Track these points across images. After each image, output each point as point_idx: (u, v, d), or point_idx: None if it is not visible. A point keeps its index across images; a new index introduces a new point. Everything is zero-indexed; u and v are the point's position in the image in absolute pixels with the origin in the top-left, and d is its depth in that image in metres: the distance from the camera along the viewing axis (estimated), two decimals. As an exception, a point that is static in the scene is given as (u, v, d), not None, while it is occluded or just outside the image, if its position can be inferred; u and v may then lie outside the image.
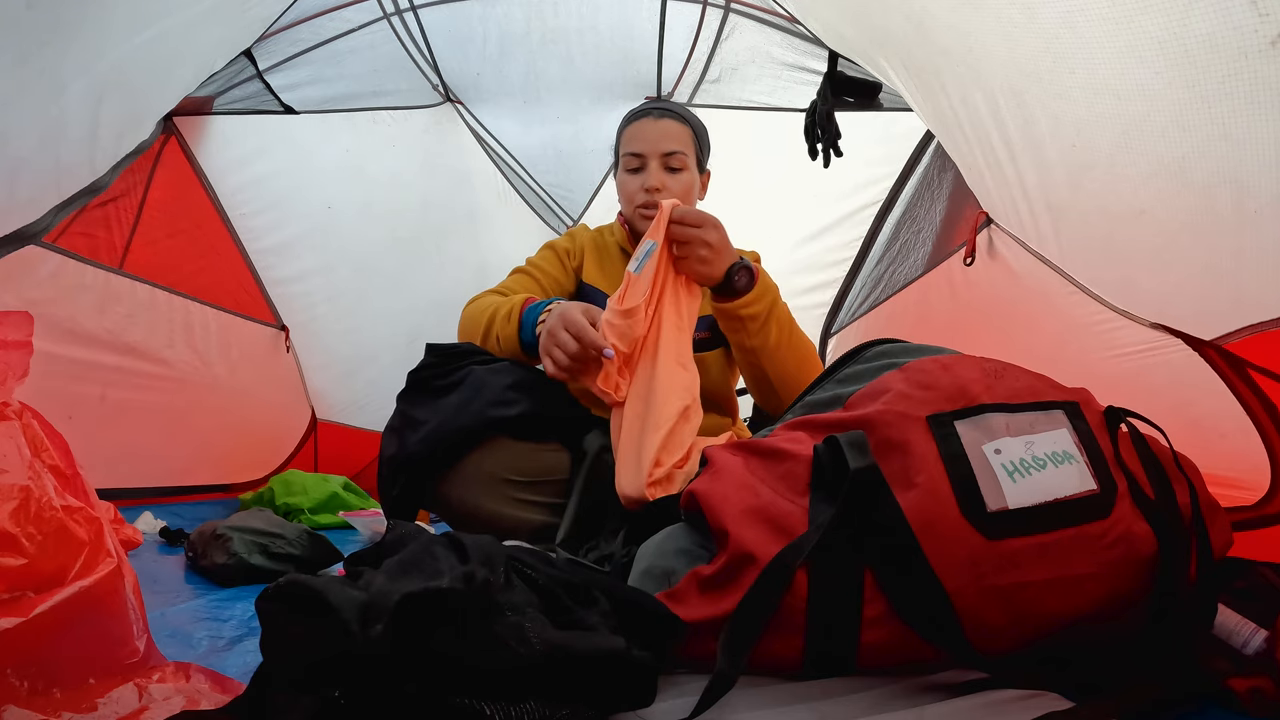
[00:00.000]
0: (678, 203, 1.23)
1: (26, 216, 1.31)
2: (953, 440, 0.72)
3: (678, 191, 1.44)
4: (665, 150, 1.44)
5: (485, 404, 1.17)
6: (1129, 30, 0.79)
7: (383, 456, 1.21)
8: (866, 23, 1.41)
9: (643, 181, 1.44)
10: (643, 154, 1.45)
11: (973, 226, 1.49)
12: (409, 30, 2.22)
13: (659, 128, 1.45)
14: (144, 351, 1.80)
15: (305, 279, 2.37)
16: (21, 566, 0.60)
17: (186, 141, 1.91)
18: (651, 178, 1.43)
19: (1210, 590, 0.72)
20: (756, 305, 1.26)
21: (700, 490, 0.77)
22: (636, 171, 1.46)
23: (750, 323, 1.27)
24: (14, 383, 0.71)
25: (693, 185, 1.48)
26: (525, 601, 0.61)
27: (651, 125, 1.45)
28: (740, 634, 0.66)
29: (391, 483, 1.19)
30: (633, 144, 1.46)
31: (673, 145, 1.44)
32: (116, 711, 0.61)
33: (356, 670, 0.53)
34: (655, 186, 1.43)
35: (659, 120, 1.46)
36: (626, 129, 1.49)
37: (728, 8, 2.06)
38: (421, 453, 1.16)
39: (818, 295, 2.26)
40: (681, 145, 1.45)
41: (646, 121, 1.46)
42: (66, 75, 1.17)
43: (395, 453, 1.18)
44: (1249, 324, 0.91)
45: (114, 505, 0.91)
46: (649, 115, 1.47)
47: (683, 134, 1.46)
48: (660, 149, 1.44)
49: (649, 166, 1.44)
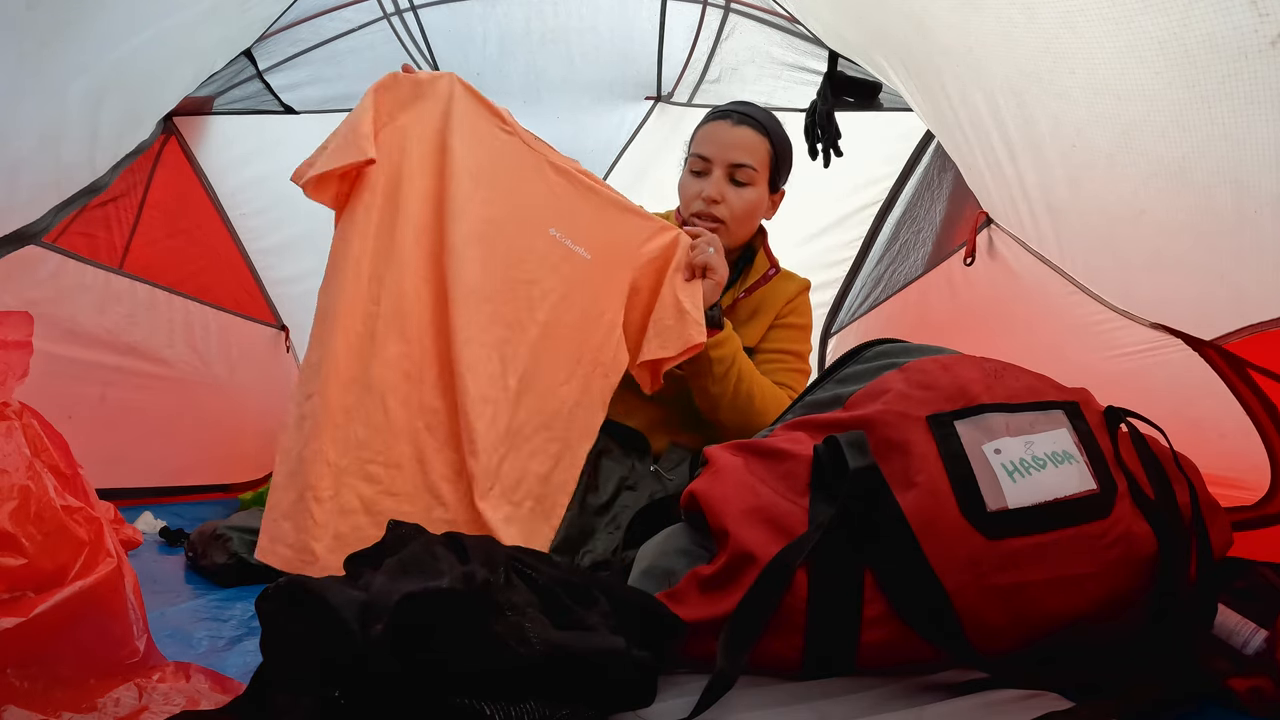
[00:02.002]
0: (690, 233, 1.21)
1: (26, 216, 1.31)
2: (953, 440, 0.72)
3: (739, 207, 1.34)
4: (734, 160, 1.33)
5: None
6: (1129, 30, 0.79)
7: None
8: (866, 23, 1.41)
9: (702, 189, 1.34)
10: (710, 158, 1.34)
11: (973, 226, 1.49)
12: (409, 30, 2.21)
13: (734, 135, 1.34)
14: (144, 351, 1.79)
15: (305, 279, 2.36)
16: (21, 566, 0.60)
17: (186, 141, 1.91)
18: (712, 187, 1.33)
19: (1210, 590, 0.72)
20: (723, 348, 1.23)
21: (700, 490, 0.77)
22: (700, 175, 1.36)
23: (716, 365, 1.23)
24: (14, 383, 0.71)
25: (758, 204, 1.37)
26: (525, 601, 0.61)
27: (727, 130, 1.35)
28: (740, 634, 0.66)
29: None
30: (703, 145, 1.36)
31: (743, 157, 1.33)
32: (116, 711, 0.61)
33: (356, 670, 0.53)
34: (714, 198, 1.33)
35: (736, 126, 1.35)
36: (702, 127, 1.39)
37: (728, 8, 2.06)
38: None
39: (818, 295, 2.23)
40: (753, 158, 1.34)
41: (723, 125, 1.35)
42: (66, 75, 1.17)
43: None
44: (1249, 324, 0.91)
45: (114, 505, 0.91)
46: (728, 118, 1.36)
47: (759, 146, 1.35)
48: (729, 158, 1.33)
49: (713, 174, 1.34)
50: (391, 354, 1.07)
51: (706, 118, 1.40)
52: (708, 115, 1.41)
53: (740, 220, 1.36)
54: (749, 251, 1.45)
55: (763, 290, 1.41)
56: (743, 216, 1.36)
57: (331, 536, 1.03)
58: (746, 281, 1.42)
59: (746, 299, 1.40)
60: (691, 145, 1.40)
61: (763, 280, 1.41)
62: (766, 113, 1.41)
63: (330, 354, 1.05)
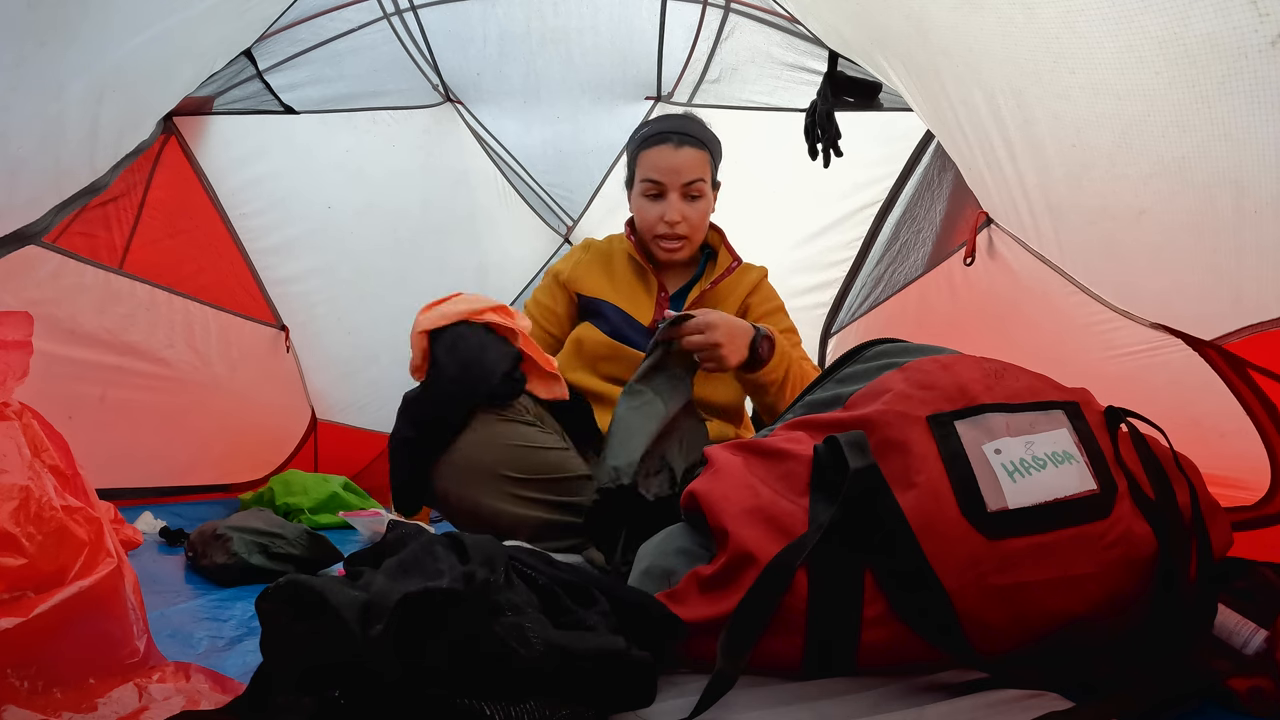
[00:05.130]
0: (671, 315, 1.24)
1: (26, 216, 1.31)
2: (953, 440, 0.72)
3: (697, 220, 1.46)
4: (686, 180, 1.44)
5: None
6: (1129, 30, 0.79)
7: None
8: (866, 23, 1.41)
9: (663, 213, 1.45)
10: (663, 183, 1.44)
11: (973, 226, 1.49)
12: (409, 30, 2.22)
13: (680, 158, 1.44)
14: (144, 351, 1.79)
15: (305, 279, 2.37)
16: (21, 566, 0.60)
17: (186, 141, 1.91)
18: (672, 210, 1.44)
19: (1210, 590, 0.72)
20: (776, 371, 1.29)
21: (700, 490, 0.77)
22: (655, 199, 1.46)
23: (771, 386, 1.30)
24: (14, 383, 0.71)
25: (709, 208, 1.50)
26: (525, 601, 0.61)
27: (672, 154, 1.44)
28: (740, 634, 0.66)
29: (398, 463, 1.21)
30: (652, 172, 1.45)
31: (693, 175, 1.44)
32: (116, 711, 0.61)
33: (356, 670, 0.53)
34: (676, 219, 1.44)
35: (679, 149, 1.44)
36: (645, 153, 1.47)
37: (728, 8, 2.06)
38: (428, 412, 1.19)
39: (818, 295, 2.26)
40: (701, 173, 1.45)
41: (667, 150, 1.44)
42: (66, 75, 1.17)
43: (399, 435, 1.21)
44: (1249, 324, 0.91)
45: (114, 505, 0.91)
46: (669, 142, 1.45)
47: (702, 161, 1.46)
48: (681, 179, 1.44)
49: (669, 198, 1.45)
50: None
51: (646, 141, 1.48)
52: (646, 139, 1.49)
53: (700, 229, 1.50)
54: (709, 249, 1.58)
55: (728, 281, 1.52)
56: (702, 225, 1.49)
57: None
58: (712, 275, 1.52)
59: (713, 290, 1.50)
60: (638, 169, 1.49)
61: (727, 273, 1.52)
62: (696, 122, 1.51)
63: None
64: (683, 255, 1.49)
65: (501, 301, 1.26)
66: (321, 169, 2.30)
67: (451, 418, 1.18)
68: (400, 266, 2.61)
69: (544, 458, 1.21)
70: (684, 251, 1.48)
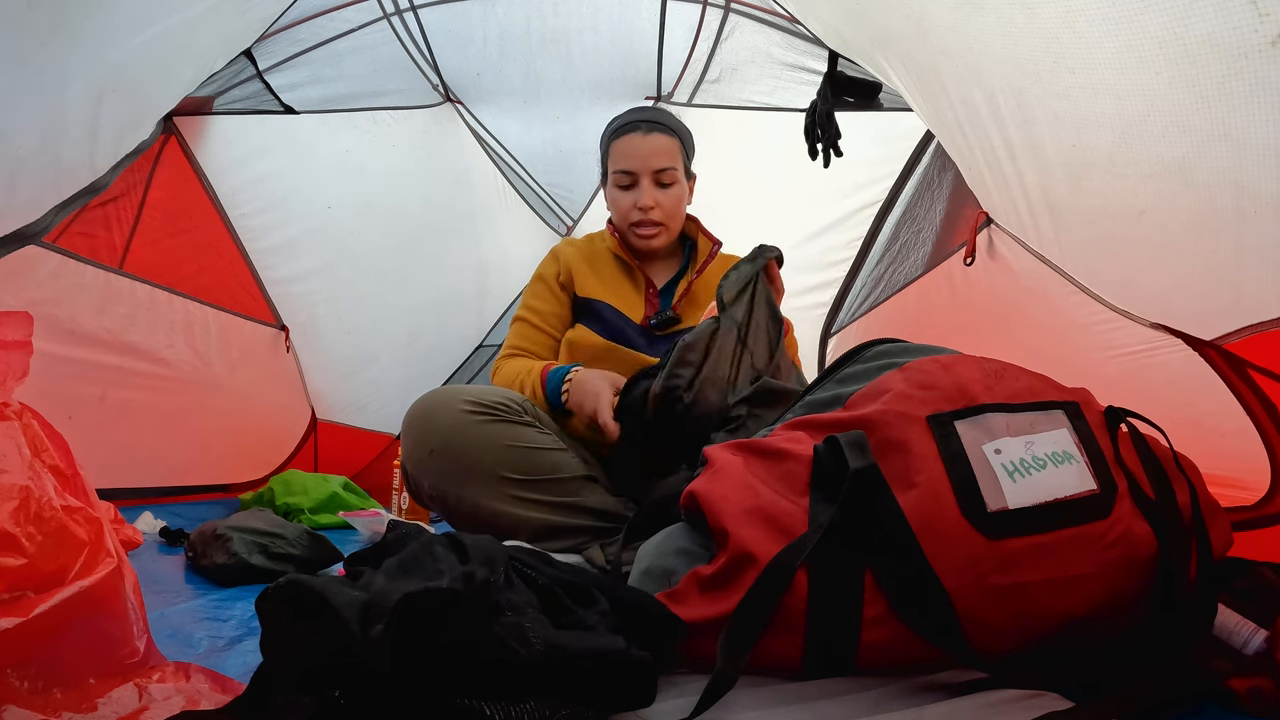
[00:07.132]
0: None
1: (26, 216, 1.31)
2: (953, 440, 0.72)
3: (670, 205, 1.47)
4: (656, 167, 1.45)
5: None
6: (1129, 30, 0.79)
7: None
8: (866, 23, 1.41)
9: (636, 200, 1.46)
10: (634, 171, 1.46)
11: (973, 226, 1.49)
12: (409, 30, 2.22)
13: (649, 144, 1.45)
14: (144, 351, 1.79)
15: (305, 279, 2.37)
16: (21, 566, 0.60)
17: (186, 141, 1.90)
18: (645, 197, 1.45)
19: (1210, 590, 0.72)
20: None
21: (700, 490, 0.77)
22: (628, 189, 1.47)
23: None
24: (14, 383, 0.71)
25: (683, 196, 1.51)
26: (525, 601, 0.61)
27: (641, 141, 1.45)
28: (740, 634, 0.66)
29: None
30: (623, 161, 1.47)
31: (664, 161, 1.45)
32: (116, 711, 0.61)
33: (356, 670, 0.53)
34: (648, 205, 1.45)
35: (648, 135, 1.45)
36: (615, 143, 1.49)
37: (728, 8, 2.06)
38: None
39: (818, 295, 2.26)
40: (672, 160, 1.46)
41: (635, 137, 1.46)
42: (67, 75, 1.17)
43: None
44: (1249, 324, 0.91)
45: (114, 505, 0.91)
46: (637, 130, 1.46)
47: (672, 147, 1.47)
48: (651, 166, 1.45)
49: (641, 184, 1.46)
50: None
51: (617, 131, 1.50)
52: (616, 129, 1.50)
53: (674, 216, 1.50)
54: (688, 239, 1.59)
55: (712, 267, 1.52)
56: (675, 213, 1.49)
57: None
58: (696, 264, 1.53)
59: (700, 278, 1.51)
60: (610, 162, 1.50)
61: (710, 258, 1.53)
62: (664, 112, 1.54)
63: None
64: (659, 243, 1.49)
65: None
66: (321, 169, 2.30)
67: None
68: (400, 266, 2.61)
69: (543, 458, 1.21)
70: (660, 239, 1.49)
